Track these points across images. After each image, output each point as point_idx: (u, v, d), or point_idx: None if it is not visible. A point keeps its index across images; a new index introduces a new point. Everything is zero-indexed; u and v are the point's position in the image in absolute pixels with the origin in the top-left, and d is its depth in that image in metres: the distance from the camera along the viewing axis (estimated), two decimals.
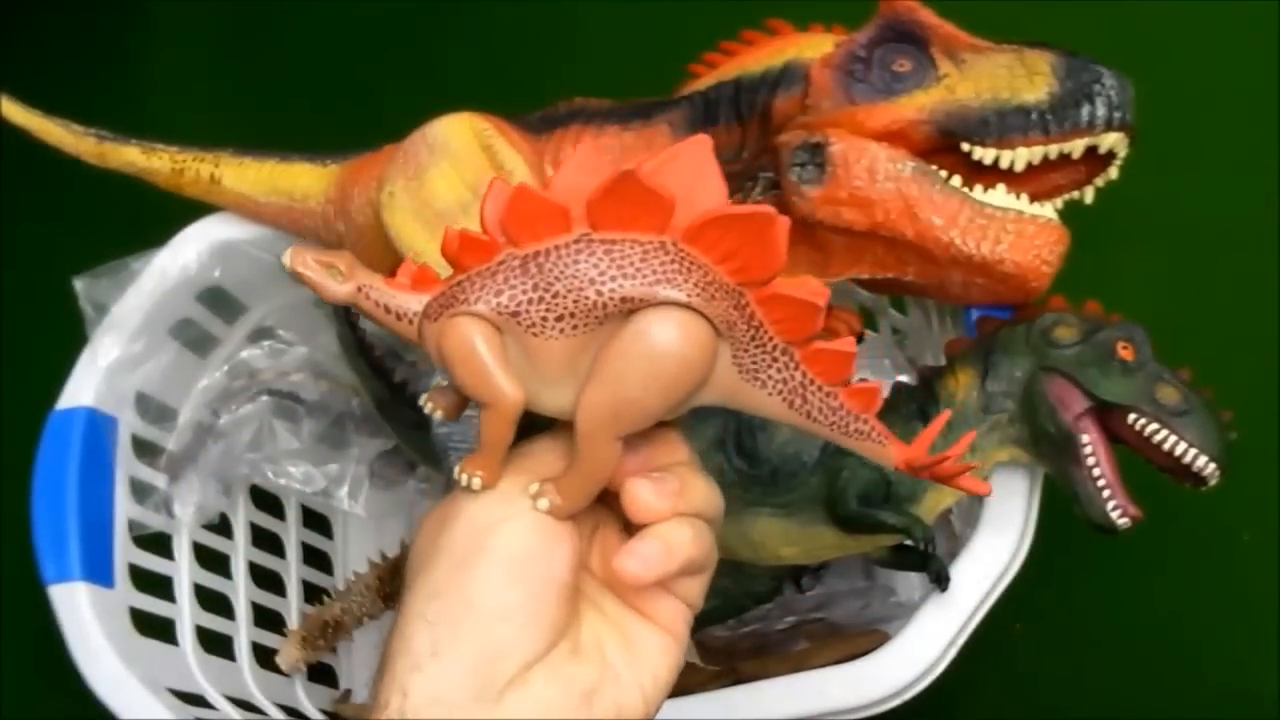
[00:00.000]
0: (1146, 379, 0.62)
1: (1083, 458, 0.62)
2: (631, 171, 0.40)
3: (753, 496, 0.66)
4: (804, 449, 0.66)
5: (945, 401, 0.65)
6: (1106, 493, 0.62)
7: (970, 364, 0.65)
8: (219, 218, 0.81)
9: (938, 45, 0.66)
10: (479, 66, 1.14)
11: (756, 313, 0.43)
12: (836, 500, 0.64)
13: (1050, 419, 0.62)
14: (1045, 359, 0.63)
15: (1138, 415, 0.61)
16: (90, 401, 0.77)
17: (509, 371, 0.42)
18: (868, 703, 0.66)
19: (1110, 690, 0.88)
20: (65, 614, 0.71)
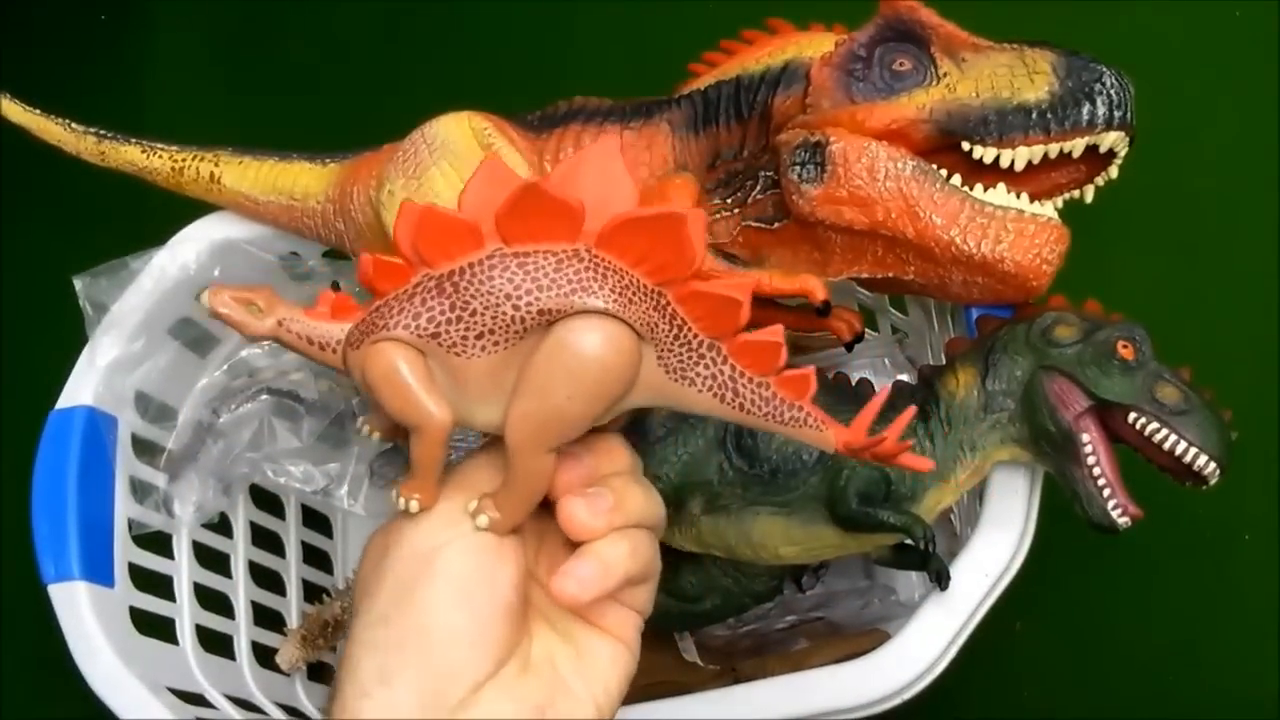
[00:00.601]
0: (1147, 378, 0.62)
1: (1083, 457, 0.62)
2: (536, 183, 0.40)
3: (752, 496, 0.66)
4: (804, 447, 0.65)
5: (945, 400, 0.65)
6: (1107, 492, 0.62)
7: (970, 363, 0.65)
8: (218, 217, 0.81)
9: (938, 44, 0.66)
10: (479, 66, 1.14)
11: (678, 311, 0.42)
12: (836, 499, 0.64)
13: (1050, 418, 0.62)
14: (1045, 358, 0.63)
15: (1138, 414, 0.61)
16: (90, 401, 0.77)
17: (435, 393, 0.42)
18: (868, 702, 0.66)
19: (1110, 690, 0.88)
20: (65, 613, 0.71)
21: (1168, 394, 0.61)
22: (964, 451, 0.65)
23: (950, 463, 0.65)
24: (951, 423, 0.64)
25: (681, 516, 0.68)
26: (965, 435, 0.64)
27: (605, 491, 0.45)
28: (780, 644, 0.84)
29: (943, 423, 0.65)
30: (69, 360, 0.79)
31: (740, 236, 0.70)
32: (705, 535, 0.67)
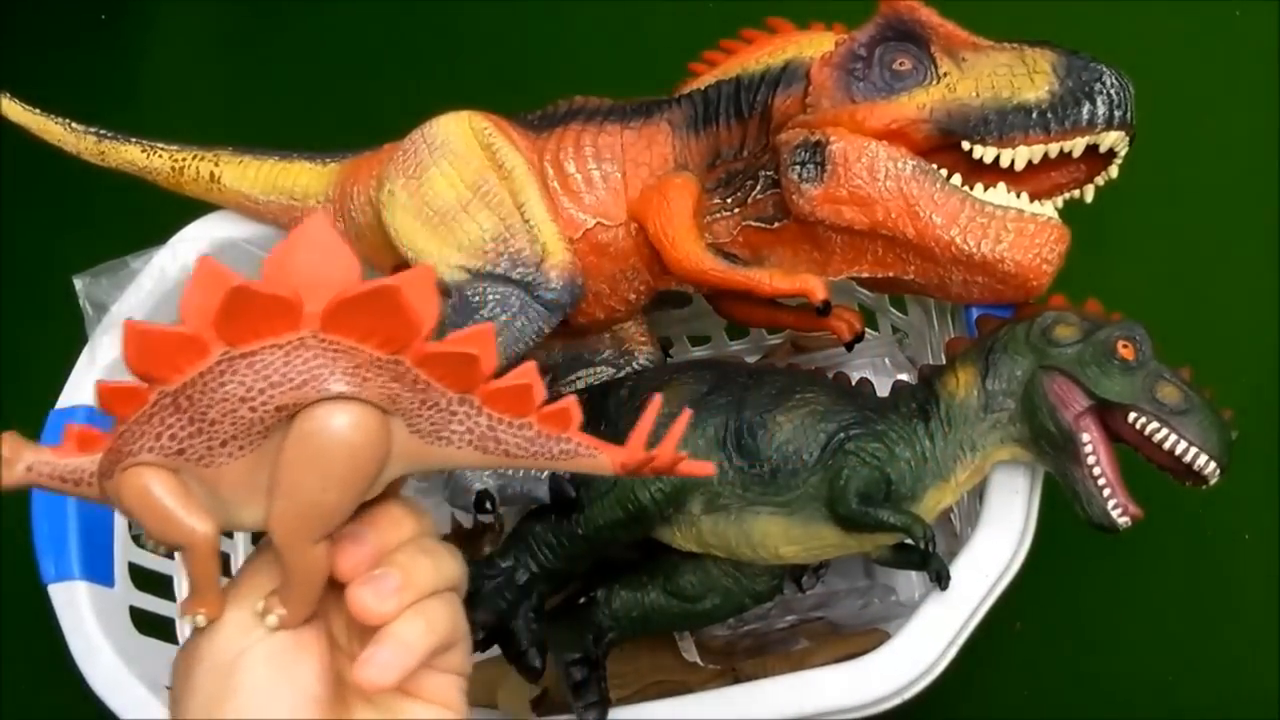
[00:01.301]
0: (1147, 378, 0.62)
1: (1083, 457, 0.62)
2: (244, 285, 0.39)
3: (753, 496, 0.66)
4: (804, 447, 0.65)
5: (945, 400, 0.65)
6: (1107, 491, 0.62)
7: (971, 363, 0.65)
8: (218, 216, 0.81)
9: (938, 44, 0.66)
10: (479, 66, 1.14)
11: (420, 375, 0.42)
12: (837, 499, 0.64)
13: (1050, 418, 0.62)
14: (1045, 358, 0.63)
15: (1138, 414, 0.61)
16: (90, 400, 0.77)
17: (194, 509, 0.41)
18: (868, 702, 0.66)
19: (1110, 690, 0.88)
20: (65, 613, 0.71)
21: (1168, 394, 0.62)
22: (964, 451, 0.65)
23: (950, 462, 0.65)
24: (952, 422, 0.64)
25: (682, 517, 0.68)
26: (965, 435, 0.64)
27: (391, 571, 0.43)
28: (780, 644, 0.84)
29: (943, 422, 0.65)
30: (69, 360, 0.79)
31: (740, 236, 0.70)
32: (706, 535, 0.68)
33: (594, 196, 0.70)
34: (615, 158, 0.71)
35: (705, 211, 0.70)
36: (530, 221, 0.69)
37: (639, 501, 0.66)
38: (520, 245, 0.68)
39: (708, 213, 0.70)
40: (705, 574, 0.71)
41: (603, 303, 0.73)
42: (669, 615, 0.72)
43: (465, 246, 0.69)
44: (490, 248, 0.69)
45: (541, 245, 0.68)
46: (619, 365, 0.78)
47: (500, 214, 0.69)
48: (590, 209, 0.70)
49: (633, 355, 0.78)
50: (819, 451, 0.65)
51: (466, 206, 0.70)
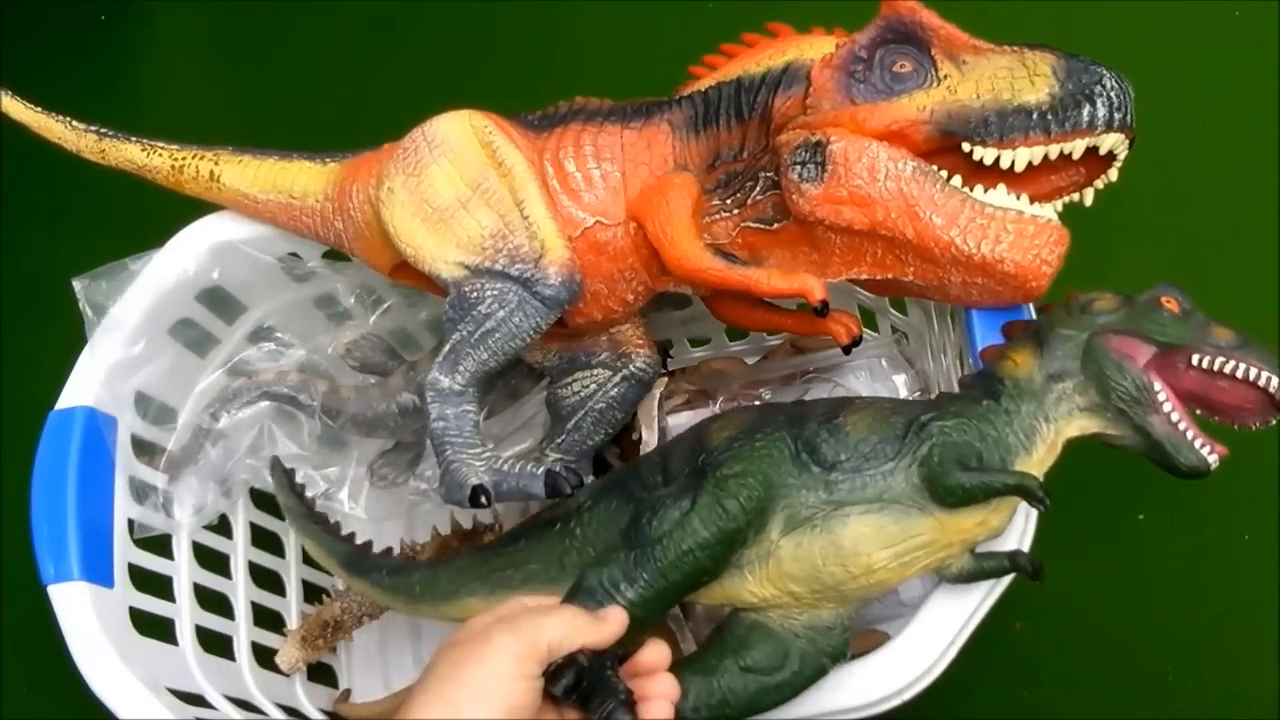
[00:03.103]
0: (1198, 323, 0.63)
1: (1160, 404, 0.62)
2: None
3: (840, 496, 0.63)
4: (883, 438, 0.63)
5: (1009, 379, 0.64)
6: (1191, 434, 0.62)
7: (1024, 345, 0.65)
8: (217, 217, 0.81)
9: (939, 46, 0.66)
10: (479, 66, 1.14)
11: None
12: (937, 476, 0.62)
13: (1119, 372, 0.62)
14: (1096, 326, 0.64)
15: (1201, 353, 0.62)
16: (90, 401, 0.77)
17: None
18: (868, 702, 0.66)
19: (1110, 690, 0.88)
20: (65, 614, 0.71)
21: (1221, 334, 0.62)
22: (1040, 422, 0.64)
23: (1029, 434, 0.63)
24: (1021, 397, 0.64)
25: (758, 550, 0.64)
26: (1037, 407, 0.64)
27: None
28: None
29: (1012, 398, 0.64)
30: (69, 360, 0.79)
31: (739, 237, 0.70)
32: (786, 565, 0.64)
33: (593, 195, 0.70)
34: (615, 157, 0.71)
35: (704, 212, 0.70)
36: (529, 218, 0.69)
37: (727, 512, 0.62)
38: (519, 242, 0.68)
39: (707, 214, 0.70)
40: (777, 640, 0.65)
41: (600, 303, 0.73)
42: (749, 695, 0.64)
43: (464, 243, 0.69)
44: (489, 244, 0.69)
45: (540, 242, 0.68)
46: (615, 368, 0.78)
47: (499, 211, 0.69)
48: (589, 208, 0.70)
49: (629, 358, 0.78)
50: (900, 439, 0.63)
51: (466, 204, 0.70)
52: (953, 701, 0.74)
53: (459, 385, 0.69)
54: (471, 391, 0.69)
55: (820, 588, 0.63)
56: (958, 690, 0.69)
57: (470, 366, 0.69)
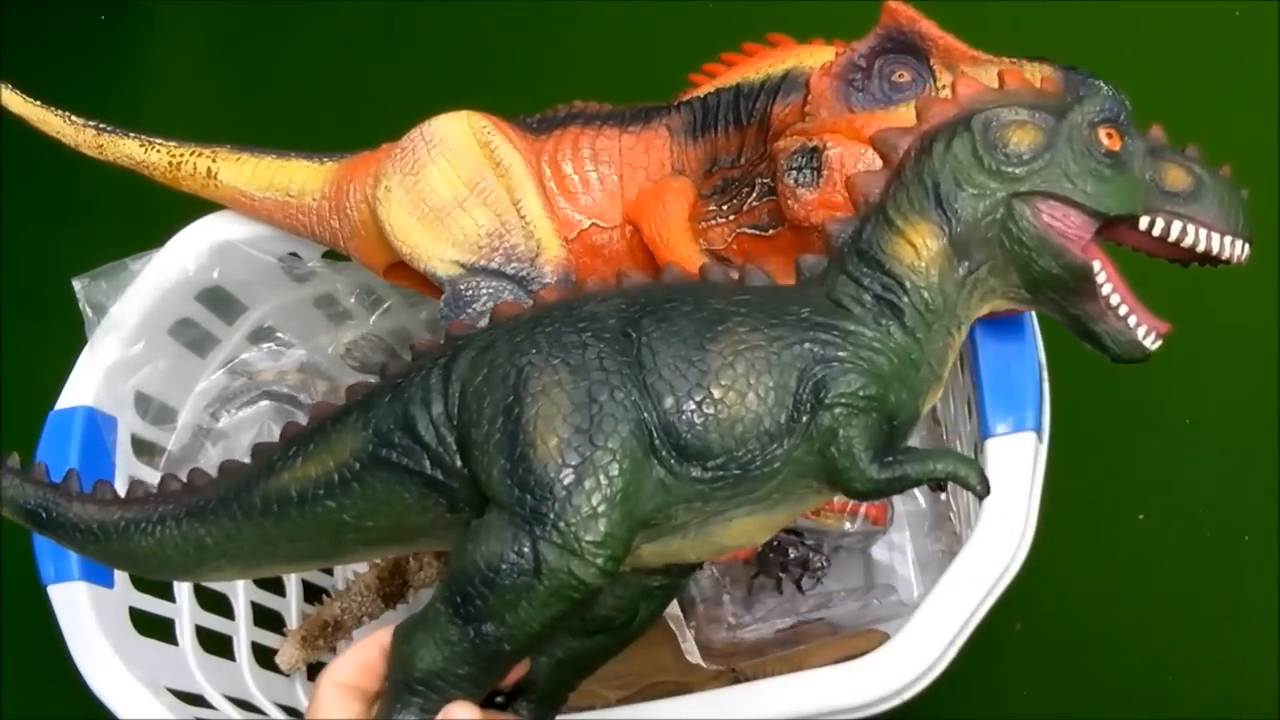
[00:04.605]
0: (1144, 166, 0.49)
1: (1098, 291, 0.49)
2: None
3: (719, 503, 0.47)
4: (764, 414, 0.46)
5: (910, 279, 0.48)
6: (1133, 319, 0.50)
7: (918, 215, 0.49)
8: (217, 218, 0.82)
9: (938, 56, 0.66)
10: (479, 67, 1.14)
11: None
12: (848, 477, 0.46)
13: (1054, 259, 0.48)
14: (1015, 181, 0.48)
15: (1151, 218, 0.49)
16: (90, 401, 0.77)
17: None
18: (867, 703, 0.66)
19: (1110, 690, 0.88)
20: (65, 614, 0.71)
21: (1174, 177, 0.49)
22: (952, 333, 0.49)
23: (941, 356, 0.49)
24: (931, 308, 0.48)
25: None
26: (949, 317, 0.49)
27: None
28: (780, 644, 0.84)
29: (920, 312, 0.48)
30: (69, 360, 0.79)
31: (735, 243, 0.70)
32: (646, 558, 0.49)
33: (590, 198, 0.70)
34: (612, 161, 0.71)
35: (701, 217, 0.70)
36: (526, 218, 0.69)
37: (585, 585, 0.45)
38: (515, 241, 0.69)
39: (703, 219, 0.71)
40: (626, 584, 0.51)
41: None
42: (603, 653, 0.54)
43: (460, 242, 0.69)
44: (485, 243, 0.69)
45: (537, 241, 0.68)
46: None
47: (496, 210, 0.69)
48: (586, 210, 0.70)
49: None
50: (787, 412, 0.47)
51: (463, 203, 0.70)
52: (953, 701, 0.74)
53: None
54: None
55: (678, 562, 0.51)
56: (958, 690, 0.69)
57: None
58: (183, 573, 0.56)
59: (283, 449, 0.52)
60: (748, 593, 0.87)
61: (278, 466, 0.51)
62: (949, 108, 0.50)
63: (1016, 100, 0.50)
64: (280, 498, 0.51)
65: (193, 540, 0.53)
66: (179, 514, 0.53)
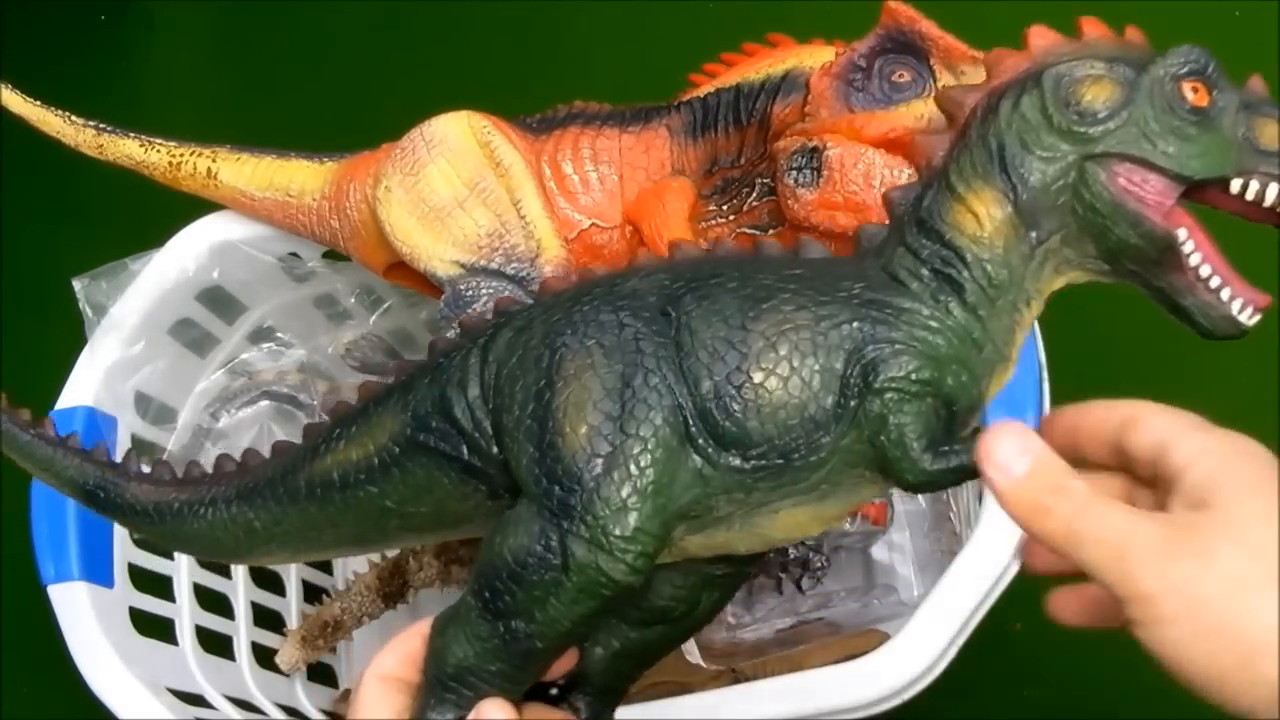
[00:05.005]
0: (1235, 124, 0.43)
1: (1184, 261, 0.44)
2: None
3: (763, 494, 0.44)
4: (809, 400, 0.43)
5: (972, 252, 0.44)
6: (1226, 292, 0.45)
7: (982, 181, 0.44)
8: (217, 218, 0.82)
9: (938, 57, 0.66)
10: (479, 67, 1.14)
11: None
12: (900, 469, 0.43)
13: (1133, 228, 0.43)
14: (1089, 142, 0.43)
15: (1244, 180, 0.44)
16: (90, 401, 0.77)
17: None
18: (867, 702, 0.66)
19: (1110, 690, 0.88)
20: (65, 614, 0.71)
21: (1270, 135, 0.43)
22: (1020, 309, 0.45)
23: (1006, 335, 0.45)
24: (995, 283, 0.44)
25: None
26: (1016, 290, 0.44)
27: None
28: (780, 644, 0.84)
29: (983, 287, 0.44)
30: (69, 360, 0.79)
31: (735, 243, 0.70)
32: (693, 550, 0.47)
33: (590, 198, 0.71)
34: (612, 161, 0.71)
35: (701, 217, 0.71)
36: (526, 218, 0.69)
37: (614, 583, 0.43)
38: (515, 241, 0.69)
39: (703, 219, 0.71)
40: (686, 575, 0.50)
41: None
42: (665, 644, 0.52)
43: (460, 242, 0.70)
44: (485, 243, 0.69)
45: (537, 241, 0.69)
46: None
47: (496, 210, 0.70)
48: (586, 210, 0.70)
49: None
50: (834, 397, 0.43)
51: (463, 203, 0.70)
52: (953, 701, 0.74)
53: None
54: None
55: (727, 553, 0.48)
56: (958, 690, 0.69)
57: None
58: (234, 555, 0.55)
59: (329, 430, 0.51)
60: (748, 593, 0.87)
61: (322, 449, 0.50)
62: (1021, 61, 0.45)
63: (1094, 52, 0.45)
64: (323, 482, 0.50)
65: (241, 523, 0.53)
66: (229, 496, 0.53)
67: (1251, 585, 0.39)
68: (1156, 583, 0.39)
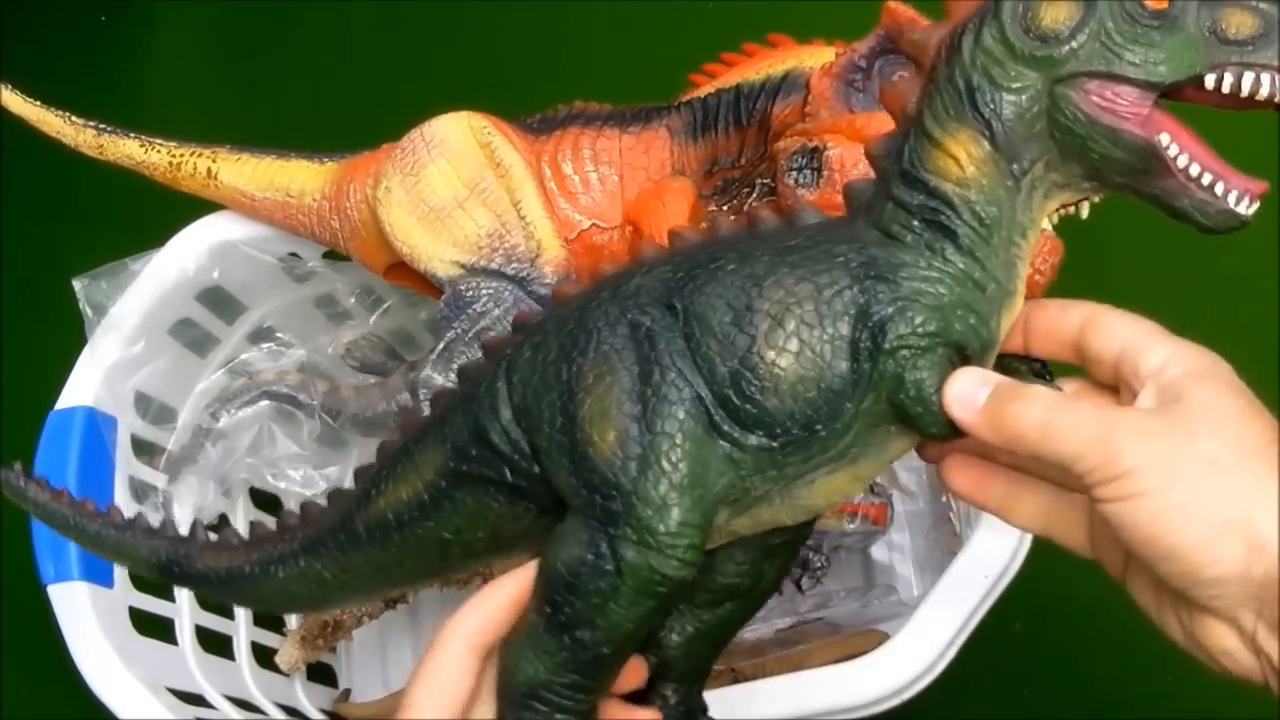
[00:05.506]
0: (1199, 20, 0.42)
1: (1172, 165, 0.43)
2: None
3: (795, 467, 0.45)
4: (825, 371, 0.44)
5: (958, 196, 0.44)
6: (1220, 186, 0.44)
7: (956, 122, 0.44)
8: (217, 218, 0.82)
9: None
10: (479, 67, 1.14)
11: None
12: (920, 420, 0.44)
13: (1113, 143, 0.43)
14: (1054, 65, 0.43)
15: (1217, 75, 0.43)
16: (90, 401, 0.77)
17: None
18: (867, 702, 0.66)
19: (1110, 690, 0.88)
20: (65, 614, 0.71)
21: (1236, 22, 0.42)
22: (1017, 241, 0.45)
23: (1008, 270, 0.45)
24: (986, 222, 0.44)
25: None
26: (1009, 225, 0.44)
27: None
28: (780, 644, 0.84)
29: (975, 229, 0.44)
30: (69, 360, 0.79)
31: None
32: (740, 529, 0.48)
33: (590, 198, 0.71)
34: (613, 161, 0.71)
35: (701, 218, 0.71)
36: (526, 218, 0.69)
37: (668, 579, 0.44)
38: (515, 241, 0.69)
39: (703, 219, 0.71)
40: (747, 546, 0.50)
41: None
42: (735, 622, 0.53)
43: (460, 242, 0.70)
44: (485, 243, 0.69)
45: (537, 242, 0.69)
46: None
47: (497, 211, 0.70)
48: (586, 210, 0.70)
49: None
50: (848, 364, 0.44)
51: (463, 203, 0.70)
52: (953, 701, 0.74)
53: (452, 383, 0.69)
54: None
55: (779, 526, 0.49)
56: (958, 690, 0.69)
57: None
58: (313, 606, 0.58)
59: (377, 472, 0.52)
60: None
61: (373, 494, 0.51)
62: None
63: None
64: (381, 524, 0.51)
65: (312, 576, 0.54)
66: (295, 551, 0.54)
67: (1226, 466, 0.41)
68: (1136, 459, 0.40)
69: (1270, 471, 0.41)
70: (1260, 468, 0.41)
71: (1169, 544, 0.41)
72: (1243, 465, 0.41)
